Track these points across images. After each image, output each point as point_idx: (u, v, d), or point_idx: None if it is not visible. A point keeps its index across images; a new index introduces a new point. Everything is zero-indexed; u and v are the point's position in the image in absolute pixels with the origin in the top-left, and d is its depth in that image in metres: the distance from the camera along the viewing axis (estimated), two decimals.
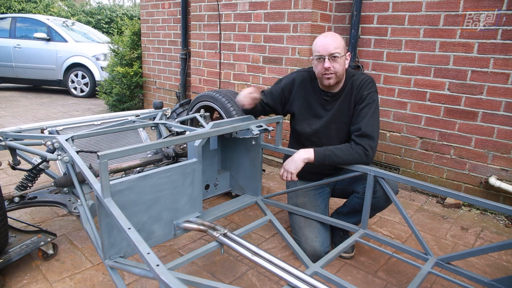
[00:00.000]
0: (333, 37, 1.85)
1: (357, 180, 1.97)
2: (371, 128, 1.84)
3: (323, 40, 1.85)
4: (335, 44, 1.82)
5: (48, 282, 1.71)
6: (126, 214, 1.25)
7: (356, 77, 1.96)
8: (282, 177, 1.86)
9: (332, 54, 1.82)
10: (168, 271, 0.97)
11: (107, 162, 1.32)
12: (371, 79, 1.95)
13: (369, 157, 1.82)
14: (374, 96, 1.91)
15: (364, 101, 1.89)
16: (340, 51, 1.83)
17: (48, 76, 7.09)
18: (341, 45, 1.84)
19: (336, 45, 1.82)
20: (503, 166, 2.58)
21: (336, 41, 1.84)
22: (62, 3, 13.19)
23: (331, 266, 1.90)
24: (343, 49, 1.85)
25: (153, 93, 5.30)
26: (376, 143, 1.86)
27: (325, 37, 1.86)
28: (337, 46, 1.82)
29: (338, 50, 1.82)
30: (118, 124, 2.44)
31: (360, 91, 1.92)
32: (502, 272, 1.93)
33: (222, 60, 3.74)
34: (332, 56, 1.82)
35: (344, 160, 1.81)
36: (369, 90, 1.91)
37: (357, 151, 1.81)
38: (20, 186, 2.04)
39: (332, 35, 1.87)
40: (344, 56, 1.87)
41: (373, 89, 1.92)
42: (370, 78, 1.95)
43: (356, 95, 1.93)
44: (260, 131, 1.88)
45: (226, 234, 1.59)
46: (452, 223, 2.47)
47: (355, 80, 1.95)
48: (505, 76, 2.47)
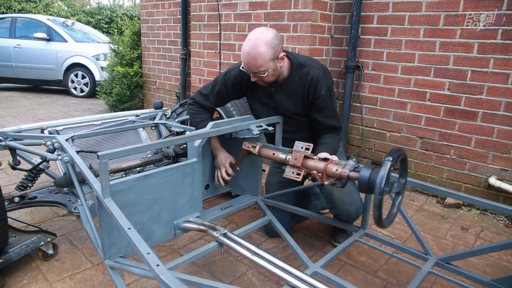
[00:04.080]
0: (256, 53, 1.66)
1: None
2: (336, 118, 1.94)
3: (246, 56, 1.69)
4: (257, 64, 1.68)
5: (48, 282, 1.71)
6: (126, 214, 1.25)
7: (308, 70, 1.84)
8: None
9: (256, 73, 1.73)
10: (168, 271, 0.97)
11: (107, 162, 1.32)
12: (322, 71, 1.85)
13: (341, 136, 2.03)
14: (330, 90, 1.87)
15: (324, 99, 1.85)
16: (264, 68, 1.69)
17: (48, 76, 7.09)
18: (264, 62, 1.67)
19: (259, 64, 1.68)
20: (503, 166, 2.58)
21: (257, 60, 1.67)
22: (62, 3, 13.18)
23: (331, 266, 1.90)
24: (269, 61, 1.68)
25: (153, 93, 5.30)
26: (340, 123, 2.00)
27: (247, 54, 1.68)
28: (260, 65, 1.68)
29: (262, 68, 1.69)
30: (118, 124, 2.44)
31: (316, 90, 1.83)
32: (502, 272, 1.93)
33: (222, 60, 3.74)
34: (256, 74, 1.74)
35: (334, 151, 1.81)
36: (325, 85, 1.83)
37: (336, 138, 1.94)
38: (20, 186, 2.04)
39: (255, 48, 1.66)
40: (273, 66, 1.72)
41: (328, 83, 1.85)
42: (321, 71, 1.85)
43: (312, 94, 1.85)
44: (260, 131, 1.88)
45: (226, 234, 1.59)
46: (452, 223, 2.47)
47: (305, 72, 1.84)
48: (505, 76, 2.47)
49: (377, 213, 1.32)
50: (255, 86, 1.94)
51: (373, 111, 3.11)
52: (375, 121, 3.12)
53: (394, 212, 1.47)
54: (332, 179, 1.51)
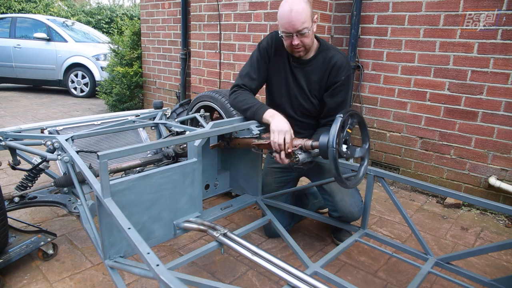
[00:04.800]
0: (300, 8, 1.65)
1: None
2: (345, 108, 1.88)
3: (288, 15, 1.66)
4: (302, 19, 1.65)
5: (48, 282, 1.71)
6: (126, 214, 1.25)
7: (332, 54, 1.85)
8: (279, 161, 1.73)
9: (300, 31, 1.69)
10: (168, 271, 0.97)
11: (107, 162, 1.32)
12: (345, 58, 1.88)
13: None
14: (349, 79, 1.88)
15: (341, 85, 1.85)
16: (307, 25, 1.67)
17: (48, 76, 7.09)
18: (307, 17, 1.67)
19: (303, 19, 1.66)
20: (503, 166, 2.58)
21: (301, 14, 1.65)
22: (62, 3, 13.18)
23: (331, 266, 1.90)
24: (310, 18, 1.69)
25: (153, 93, 5.30)
26: None
27: (290, 11, 1.66)
28: (304, 21, 1.66)
29: (305, 24, 1.67)
30: (118, 124, 2.43)
31: (337, 75, 1.84)
32: (502, 272, 1.93)
33: (222, 60, 3.74)
34: (299, 33, 1.70)
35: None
36: (346, 73, 1.85)
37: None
38: (20, 186, 2.04)
39: (298, 4, 1.65)
40: (313, 27, 1.73)
41: (350, 71, 1.88)
42: (346, 59, 1.87)
43: (331, 77, 1.85)
44: (260, 131, 1.87)
45: (226, 234, 1.59)
46: (452, 223, 2.47)
47: (330, 56, 1.85)
48: (505, 76, 2.47)
49: (333, 166, 1.42)
50: (278, 59, 1.93)
51: (373, 111, 3.11)
52: (375, 121, 3.12)
53: (360, 176, 1.59)
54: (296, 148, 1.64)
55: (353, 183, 1.56)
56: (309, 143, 1.62)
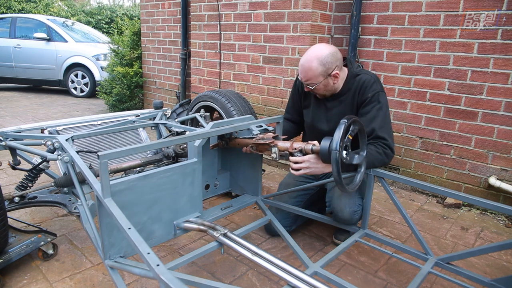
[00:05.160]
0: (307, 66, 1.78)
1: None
2: (384, 130, 1.80)
3: (300, 66, 1.83)
4: (308, 76, 1.80)
5: (48, 282, 1.71)
6: (126, 214, 1.25)
7: (360, 77, 1.89)
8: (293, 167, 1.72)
9: (306, 84, 1.85)
10: (168, 271, 0.97)
11: (107, 162, 1.32)
12: (374, 78, 1.88)
13: (389, 156, 1.78)
14: (379, 96, 1.83)
15: (370, 103, 1.83)
16: (313, 82, 1.80)
17: (48, 76, 7.09)
18: (314, 76, 1.78)
19: (308, 77, 1.80)
20: (503, 166, 2.58)
21: (308, 72, 1.79)
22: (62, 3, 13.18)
23: (331, 266, 1.90)
24: (320, 76, 1.79)
25: (153, 93, 5.30)
26: (393, 144, 1.83)
27: (301, 64, 1.81)
28: (309, 78, 1.80)
29: (311, 81, 1.81)
30: (118, 124, 2.43)
31: (364, 93, 1.85)
32: (502, 272, 1.93)
33: (222, 60, 3.74)
34: (307, 85, 1.85)
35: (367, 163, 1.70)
36: (373, 91, 1.83)
37: (377, 151, 1.76)
38: (20, 186, 2.04)
39: (308, 62, 1.78)
40: (324, 81, 1.81)
41: (377, 89, 1.84)
42: (373, 78, 1.88)
43: (359, 97, 1.87)
44: (260, 131, 1.88)
45: (226, 234, 1.59)
46: (452, 223, 2.47)
47: (358, 81, 1.88)
48: (505, 76, 2.47)
49: (335, 169, 1.45)
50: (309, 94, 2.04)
51: None
52: None
53: (357, 182, 1.62)
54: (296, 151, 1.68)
55: (350, 188, 1.57)
56: (309, 147, 1.65)
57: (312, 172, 1.68)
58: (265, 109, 3.49)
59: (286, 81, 3.24)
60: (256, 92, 3.51)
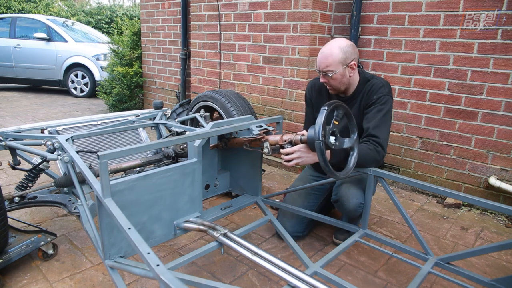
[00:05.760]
0: (328, 52, 1.82)
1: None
2: (378, 129, 1.81)
3: (320, 54, 1.85)
4: (327, 62, 1.82)
5: (48, 282, 1.71)
6: (126, 214, 1.25)
7: (371, 82, 1.93)
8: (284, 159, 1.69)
9: (324, 72, 1.85)
10: (168, 271, 0.97)
11: (107, 162, 1.32)
12: (384, 83, 1.91)
13: (380, 153, 1.79)
14: (384, 99, 1.87)
15: (374, 104, 1.87)
16: (332, 68, 1.82)
17: (48, 76, 7.09)
18: (334, 62, 1.81)
19: (328, 63, 1.82)
20: (503, 166, 2.58)
21: (328, 58, 1.81)
22: (62, 3, 13.18)
23: (331, 266, 1.90)
24: (339, 64, 1.81)
25: (153, 93, 5.30)
26: (385, 144, 1.84)
27: (321, 52, 1.85)
28: (329, 64, 1.82)
29: (330, 68, 1.82)
30: (118, 124, 2.44)
31: (370, 96, 1.89)
32: (502, 272, 1.93)
33: (222, 60, 3.74)
34: (324, 74, 1.85)
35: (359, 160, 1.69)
36: (379, 94, 1.87)
37: (368, 147, 1.77)
38: (20, 186, 2.04)
39: (329, 49, 1.83)
40: (341, 70, 1.83)
41: (384, 93, 1.88)
42: (382, 82, 1.91)
43: (366, 99, 1.91)
44: (260, 131, 1.87)
45: (226, 234, 1.59)
46: (452, 223, 2.47)
47: (368, 85, 1.93)
48: (505, 76, 2.47)
49: (321, 158, 1.46)
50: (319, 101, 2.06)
51: None
52: None
53: (351, 166, 1.61)
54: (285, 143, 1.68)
55: (343, 173, 1.57)
56: (298, 138, 1.66)
57: (304, 161, 1.67)
58: (265, 109, 3.49)
59: (286, 81, 3.25)
60: (256, 92, 3.51)
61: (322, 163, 1.47)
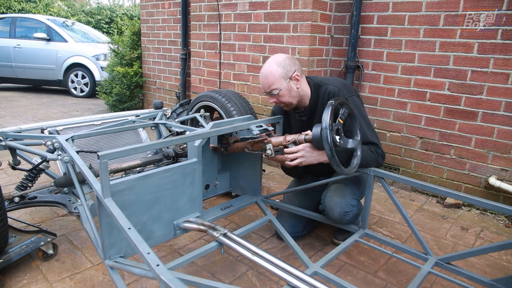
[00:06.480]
0: (267, 71, 1.78)
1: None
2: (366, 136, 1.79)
3: (260, 76, 1.82)
4: (269, 82, 1.78)
5: (48, 282, 1.71)
6: (126, 214, 1.25)
7: (325, 88, 1.87)
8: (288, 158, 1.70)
9: (270, 92, 1.81)
10: (168, 271, 0.97)
11: (107, 162, 1.32)
12: (338, 86, 1.85)
13: (380, 156, 1.80)
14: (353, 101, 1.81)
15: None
16: (276, 86, 1.77)
17: (48, 76, 7.09)
18: (276, 79, 1.76)
19: (270, 82, 1.77)
20: (503, 166, 2.58)
21: (268, 77, 1.77)
22: (62, 3, 13.18)
23: (331, 266, 1.90)
24: (281, 79, 1.76)
25: (153, 93, 5.30)
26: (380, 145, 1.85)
27: (261, 73, 1.82)
28: (271, 83, 1.77)
29: (274, 86, 1.77)
30: (118, 124, 2.44)
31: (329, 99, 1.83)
32: (502, 272, 1.93)
33: (222, 60, 3.74)
34: (271, 94, 1.81)
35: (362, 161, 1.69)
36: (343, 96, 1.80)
37: (370, 149, 1.78)
38: (20, 186, 2.04)
39: (267, 68, 1.78)
40: (286, 85, 1.78)
41: (348, 95, 1.83)
42: (337, 86, 1.85)
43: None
44: (260, 131, 1.88)
45: (226, 234, 1.59)
46: (452, 223, 2.47)
47: (323, 92, 1.87)
48: (505, 76, 2.47)
49: (327, 147, 1.46)
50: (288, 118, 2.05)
51: (373, 111, 3.11)
52: (375, 121, 3.12)
53: (354, 164, 1.63)
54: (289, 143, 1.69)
55: (347, 171, 1.57)
56: (302, 137, 1.66)
57: (308, 161, 1.66)
58: (265, 109, 3.49)
59: None
60: (256, 92, 3.51)
61: (328, 153, 1.46)
